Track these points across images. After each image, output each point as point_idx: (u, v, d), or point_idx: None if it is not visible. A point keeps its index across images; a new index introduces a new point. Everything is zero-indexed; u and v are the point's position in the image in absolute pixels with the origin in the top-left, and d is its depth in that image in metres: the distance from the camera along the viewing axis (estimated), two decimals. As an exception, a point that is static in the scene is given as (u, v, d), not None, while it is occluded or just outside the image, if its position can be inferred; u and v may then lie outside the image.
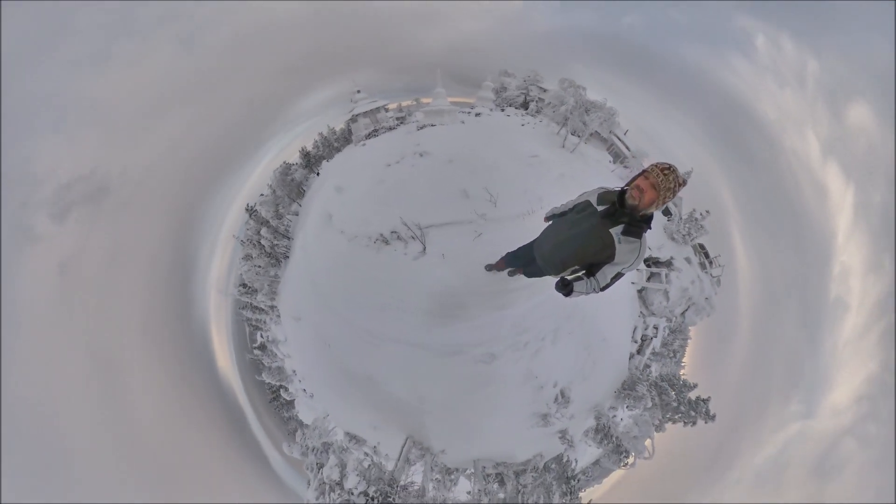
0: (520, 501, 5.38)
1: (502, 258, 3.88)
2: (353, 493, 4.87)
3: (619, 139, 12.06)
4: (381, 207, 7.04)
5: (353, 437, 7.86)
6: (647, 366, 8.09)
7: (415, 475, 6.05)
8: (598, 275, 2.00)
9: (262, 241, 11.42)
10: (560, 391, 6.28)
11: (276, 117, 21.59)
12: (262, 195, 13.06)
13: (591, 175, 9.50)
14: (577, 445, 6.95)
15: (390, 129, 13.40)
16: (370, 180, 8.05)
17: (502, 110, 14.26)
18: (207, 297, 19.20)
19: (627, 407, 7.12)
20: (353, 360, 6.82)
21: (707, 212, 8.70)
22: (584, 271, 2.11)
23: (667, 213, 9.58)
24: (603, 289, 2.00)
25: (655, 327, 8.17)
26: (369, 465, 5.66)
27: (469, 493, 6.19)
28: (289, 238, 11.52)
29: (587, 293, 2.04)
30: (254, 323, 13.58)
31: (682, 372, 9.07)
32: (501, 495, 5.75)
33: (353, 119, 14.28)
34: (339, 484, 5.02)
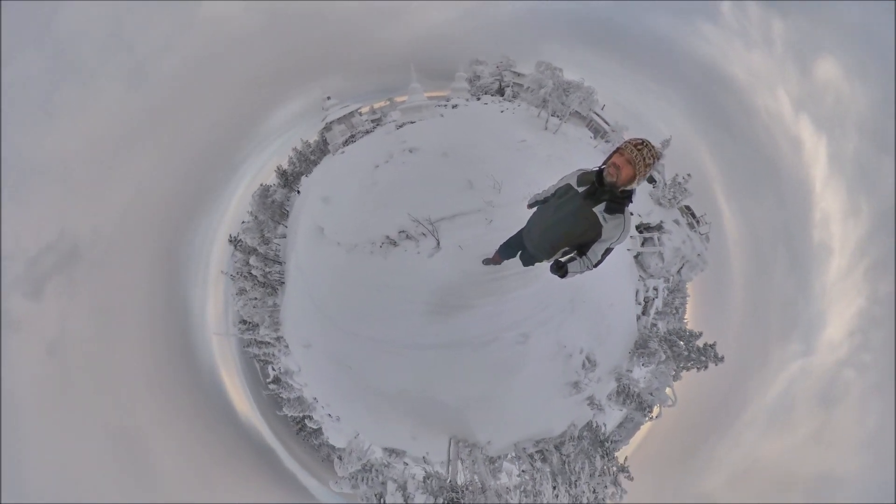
0: (567, 471, 5.43)
1: (497, 251, 3.86)
2: None
3: (598, 115, 11.98)
4: (379, 209, 6.63)
5: (391, 452, 7.72)
6: (654, 324, 8.49)
7: (463, 472, 5.93)
8: (589, 253, 2.00)
9: (253, 272, 10.43)
10: (586, 357, 6.51)
11: (245, 139, 20.28)
12: (243, 223, 11.99)
13: (575, 153, 9.48)
14: (604, 409, 7.22)
15: (367, 132, 12.51)
16: (360, 185, 7.61)
17: (478, 99, 13.72)
18: (209, 342, 17.96)
19: (643, 364, 7.39)
20: (379, 377, 6.52)
21: (689, 175, 8.88)
22: (574, 252, 2.10)
23: (651, 180, 9.85)
24: (595, 265, 2.01)
25: (655, 288, 8.60)
26: (426, 477, 5.41)
27: (519, 475, 6.15)
28: (280, 263, 10.59)
29: (581, 272, 2.04)
30: (262, 358, 12.61)
31: (686, 325, 9.48)
32: (548, 470, 5.76)
33: (328, 127, 13.28)
34: None
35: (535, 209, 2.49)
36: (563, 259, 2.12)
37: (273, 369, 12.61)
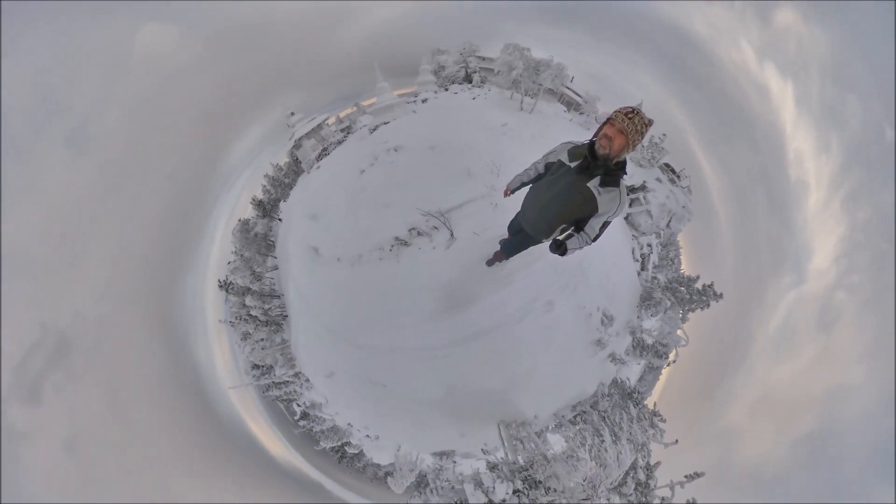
0: (609, 425, 5.63)
1: (498, 251, 3.81)
2: (508, 500, 4.31)
3: (569, 89, 11.89)
4: (380, 212, 6.21)
5: (441, 455, 7.72)
6: (654, 277, 8.89)
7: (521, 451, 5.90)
8: (587, 228, 1.95)
9: (253, 312, 9.52)
10: (603, 313, 6.81)
11: (211, 178, 18.84)
12: (229, 263, 10.96)
13: (555, 129, 9.62)
14: (625, 362, 7.48)
15: (340, 142, 11.62)
16: (347, 194, 7.12)
17: (446, 90, 13.05)
18: (227, 397, 16.83)
19: (651, 315, 7.75)
20: (415, 385, 6.30)
21: (664, 135, 9.33)
22: (572, 228, 2.05)
23: None
24: (593, 240, 1.97)
25: (649, 245, 9.07)
26: (493, 467, 5.18)
27: (567, 441, 6.17)
28: (278, 296, 9.71)
29: (581, 248, 2.00)
30: (285, 398, 11.76)
31: (683, 273, 9.67)
32: (591, 429, 5.93)
33: (297, 145, 12.27)
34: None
35: (525, 190, 2.38)
36: (560, 237, 2.03)
37: (298, 406, 11.83)
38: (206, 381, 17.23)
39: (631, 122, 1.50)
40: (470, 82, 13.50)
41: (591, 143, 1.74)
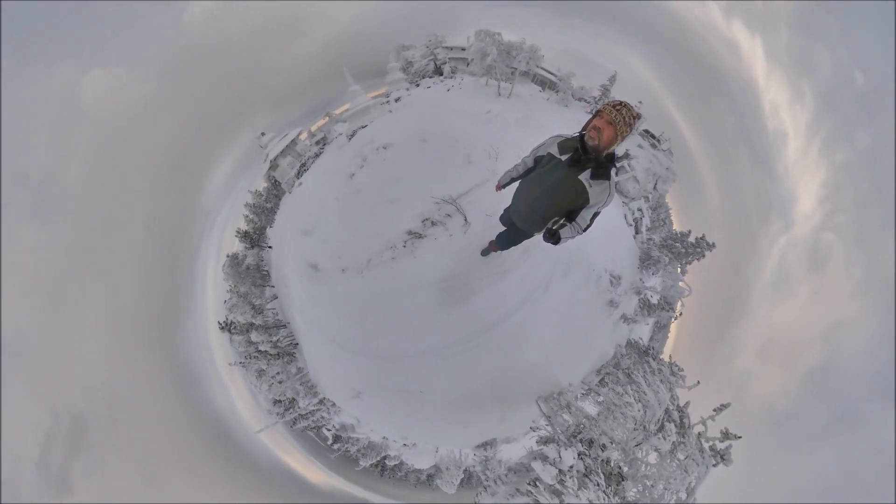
0: (636, 380, 5.62)
1: (492, 241, 3.75)
2: (575, 472, 4.15)
3: (542, 69, 11.55)
4: (384, 210, 5.86)
5: (483, 446, 7.71)
6: (650, 238, 9.21)
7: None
8: (578, 219, 1.96)
9: (261, 347, 8.80)
10: (610, 274, 7.02)
11: (190, 219, 17.72)
12: (225, 302, 10.16)
13: (537, 110, 9.58)
14: (636, 321, 7.75)
15: (317, 155, 10.85)
16: (341, 200, 6.64)
17: (417, 85, 12.47)
18: (257, 440, 15.92)
19: (653, 273, 8.05)
20: (449, 385, 6.08)
21: (640, 102, 9.85)
22: (563, 218, 2.02)
23: None
24: (584, 230, 1.98)
25: (640, 209, 9.39)
26: (549, 439, 5.08)
27: (601, 400, 6.17)
28: (284, 325, 9.02)
29: (573, 237, 2.00)
30: (314, 426, 11.13)
31: (675, 231, 10.06)
32: (619, 389, 5.89)
33: (273, 165, 11.44)
34: (561, 474, 4.15)
35: (516, 184, 2.35)
36: (554, 227, 2.00)
37: (328, 430, 11.22)
38: (232, 427, 16.36)
39: (619, 114, 1.49)
40: (441, 74, 12.93)
41: (582, 136, 1.72)
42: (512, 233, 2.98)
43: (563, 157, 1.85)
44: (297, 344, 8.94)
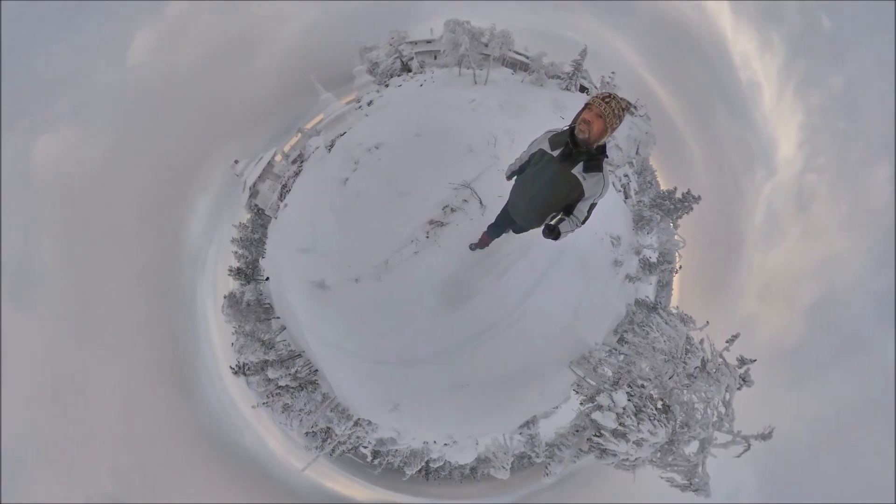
0: (652, 323, 5.74)
1: (484, 233, 3.64)
2: (629, 411, 4.26)
3: (513, 51, 11.13)
4: (395, 206, 5.52)
5: (525, 425, 7.75)
6: (640, 200, 9.30)
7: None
8: (576, 212, 1.93)
9: (281, 383, 8.10)
10: (610, 236, 7.17)
11: (179, 269, 16.23)
12: (233, 345, 9.35)
13: (515, 93, 9.47)
14: (640, 279, 7.95)
15: (297, 174, 10.03)
16: (339, 208, 6.22)
17: (387, 86, 11.78)
18: (304, 477, 14.95)
19: (647, 232, 8.32)
20: (490, 367, 5.87)
21: (613, 73, 9.85)
22: (561, 213, 2.02)
23: (583, 89, 10.48)
24: (583, 222, 1.96)
25: (626, 175, 9.41)
26: (597, 391, 5.05)
27: (626, 356, 6.35)
28: (299, 355, 8.33)
29: (573, 230, 1.98)
30: (353, 446, 10.54)
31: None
32: (641, 331, 6.11)
33: (253, 192, 10.53)
34: (619, 417, 4.21)
35: (514, 180, 2.33)
36: (553, 222, 1.99)
37: (364, 448, 10.69)
38: (270, 468, 15.47)
39: (608, 106, 1.45)
40: (409, 71, 12.25)
41: (571, 130, 1.68)
42: (503, 223, 2.95)
43: (555, 153, 1.83)
44: (317, 370, 8.28)
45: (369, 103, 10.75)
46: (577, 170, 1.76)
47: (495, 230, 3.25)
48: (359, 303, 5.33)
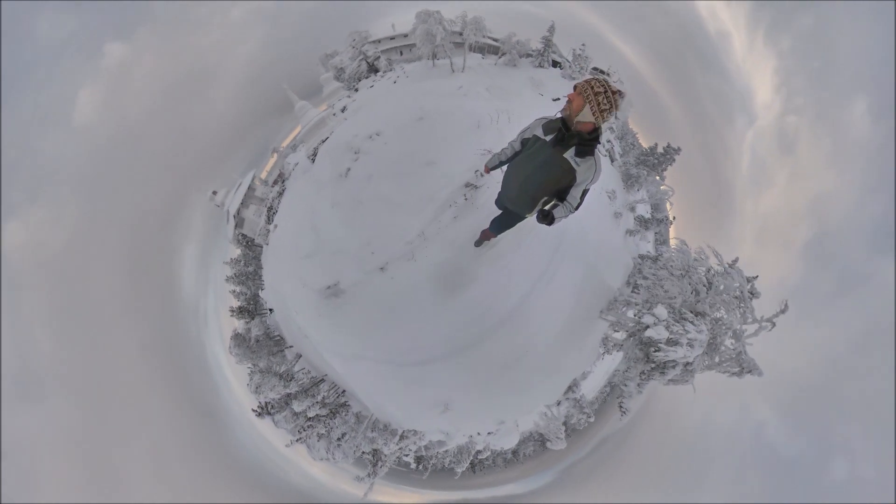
0: (660, 290, 5.35)
1: (486, 229, 3.45)
2: (672, 319, 4.40)
3: (485, 36, 10.57)
4: (423, 176, 5.00)
5: (569, 390, 7.49)
6: (625, 161, 9.18)
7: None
8: (569, 198, 1.86)
9: (310, 413, 7.10)
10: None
11: (181, 325, 14.74)
12: (250, 382, 8.22)
13: (493, 75, 9.24)
14: (639, 232, 7.86)
15: (280, 193, 8.98)
16: (346, 199, 5.52)
17: (356, 90, 10.93)
18: (354, 497, 13.96)
19: (637, 189, 8.45)
20: (538, 338, 5.54)
21: (583, 45, 9.66)
22: (554, 199, 1.95)
23: (556, 63, 10.31)
24: (576, 208, 1.89)
25: (609, 140, 9.28)
26: (639, 317, 4.91)
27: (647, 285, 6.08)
28: (322, 379, 7.36)
29: (566, 216, 1.90)
30: (402, 456, 9.64)
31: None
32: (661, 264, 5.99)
33: (239, 221, 9.37)
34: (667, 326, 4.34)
35: (503, 168, 2.24)
36: (547, 208, 1.90)
37: (406, 456, 9.85)
38: (326, 500, 14.16)
39: (588, 85, 1.42)
40: (376, 71, 11.41)
41: (562, 116, 1.63)
42: (506, 216, 2.81)
43: (548, 138, 1.76)
44: (344, 391, 7.34)
45: (343, 109, 9.92)
46: (570, 154, 1.69)
47: (496, 224, 3.10)
48: (383, 297, 4.50)
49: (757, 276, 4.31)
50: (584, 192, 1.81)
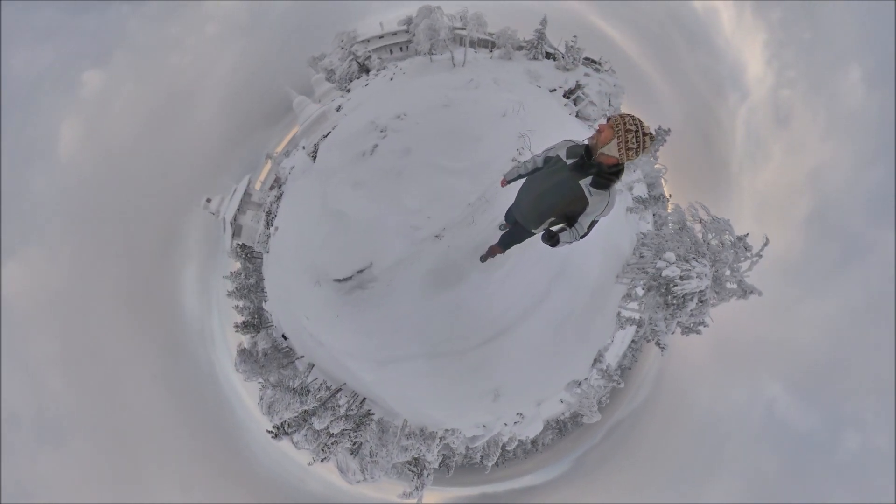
0: (664, 242, 5.42)
1: (495, 245, 3.30)
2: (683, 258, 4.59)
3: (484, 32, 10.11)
4: (477, 146, 4.52)
5: (596, 362, 7.01)
6: None
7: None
8: (577, 226, 1.73)
9: (332, 429, 5.89)
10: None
11: (190, 351, 13.05)
12: (261, 401, 6.89)
13: (493, 69, 8.76)
14: (637, 210, 7.44)
15: (278, 197, 7.81)
16: (370, 180, 4.81)
17: (349, 90, 10.01)
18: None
19: (633, 171, 8.16)
20: (571, 318, 5.15)
21: (575, 37, 9.13)
22: (564, 223, 1.84)
23: (549, 55, 9.88)
24: (582, 237, 1.76)
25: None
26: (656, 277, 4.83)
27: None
28: (339, 389, 6.16)
29: (571, 242, 1.80)
30: (436, 462, 8.47)
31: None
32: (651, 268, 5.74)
33: (236, 230, 8.11)
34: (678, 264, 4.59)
35: (521, 181, 2.12)
36: (554, 229, 1.82)
37: (441, 451, 8.75)
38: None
39: (622, 119, 1.31)
40: (367, 71, 10.52)
41: (588, 144, 1.51)
42: (515, 230, 2.56)
43: (569, 162, 1.62)
44: (364, 398, 6.18)
45: (338, 109, 8.95)
46: (586, 182, 1.54)
47: (506, 239, 2.89)
48: (432, 271, 3.62)
49: (748, 234, 4.47)
50: (594, 223, 1.69)
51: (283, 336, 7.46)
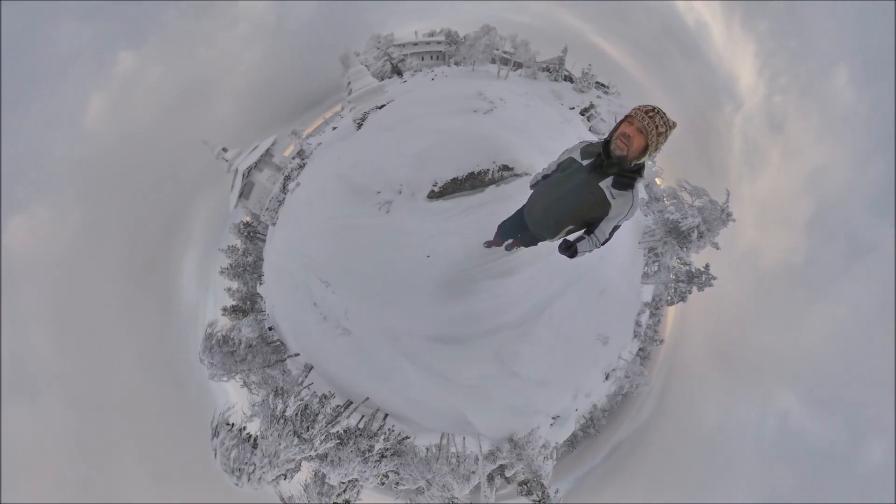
0: (671, 220, 5.19)
1: (496, 234, 2.62)
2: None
3: (504, 51, 9.37)
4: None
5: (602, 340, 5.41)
6: None
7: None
8: (597, 232, 1.32)
9: (363, 443, 3.26)
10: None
11: (181, 340, 10.05)
12: (255, 406, 3.85)
13: (528, 87, 8.14)
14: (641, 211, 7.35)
15: (301, 166, 5.76)
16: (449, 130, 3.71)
17: (402, 78, 9.13)
18: None
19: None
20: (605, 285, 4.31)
21: (590, 65, 8.98)
22: (582, 230, 1.39)
23: (568, 78, 9.71)
24: (603, 244, 1.36)
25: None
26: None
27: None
28: (350, 402, 3.76)
29: (590, 251, 1.37)
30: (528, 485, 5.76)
31: None
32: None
33: (247, 188, 5.76)
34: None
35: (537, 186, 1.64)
36: (571, 238, 1.38)
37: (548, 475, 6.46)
38: None
39: (651, 121, 0.98)
40: (399, 74, 9.58)
41: (606, 142, 1.14)
42: (526, 234, 1.95)
43: (585, 162, 1.26)
44: (378, 409, 3.80)
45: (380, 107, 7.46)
46: (606, 184, 1.17)
47: (506, 230, 2.22)
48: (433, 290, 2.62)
49: (727, 200, 4.76)
50: (615, 228, 1.24)
51: (269, 328, 4.84)
